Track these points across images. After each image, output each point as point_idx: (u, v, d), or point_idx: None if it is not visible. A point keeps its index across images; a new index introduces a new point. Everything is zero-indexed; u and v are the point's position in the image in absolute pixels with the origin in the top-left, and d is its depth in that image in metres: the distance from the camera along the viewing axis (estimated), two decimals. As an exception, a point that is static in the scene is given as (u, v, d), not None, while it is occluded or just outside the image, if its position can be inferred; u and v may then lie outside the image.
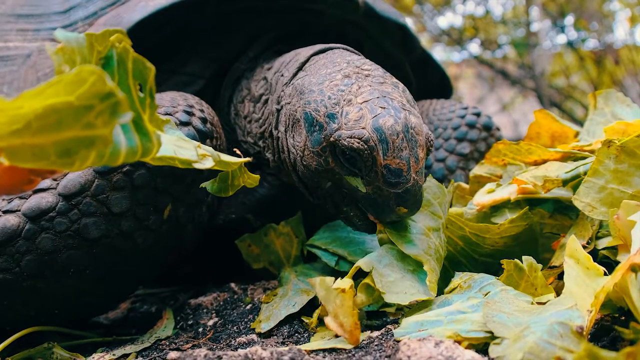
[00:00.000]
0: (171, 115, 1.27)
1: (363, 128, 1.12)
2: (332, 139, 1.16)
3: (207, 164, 0.94)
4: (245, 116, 1.61)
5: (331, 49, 1.44)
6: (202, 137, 1.28)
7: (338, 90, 1.19)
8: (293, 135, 1.30)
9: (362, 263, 1.13)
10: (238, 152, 1.16)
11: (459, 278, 1.18)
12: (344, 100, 1.18)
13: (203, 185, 1.09)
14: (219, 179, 1.08)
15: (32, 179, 0.65)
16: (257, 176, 1.11)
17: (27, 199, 1.15)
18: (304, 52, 1.46)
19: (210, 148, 1.01)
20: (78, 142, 0.59)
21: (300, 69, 1.39)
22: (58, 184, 1.16)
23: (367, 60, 1.33)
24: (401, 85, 1.26)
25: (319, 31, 1.83)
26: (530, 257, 1.12)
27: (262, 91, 1.55)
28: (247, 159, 1.06)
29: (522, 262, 1.12)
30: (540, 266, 1.10)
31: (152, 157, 0.73)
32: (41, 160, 0.58)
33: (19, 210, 1.14)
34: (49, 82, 0.56)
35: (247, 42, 1.77)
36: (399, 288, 1.12)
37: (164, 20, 1.56)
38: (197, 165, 0.92)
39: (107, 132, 0.60)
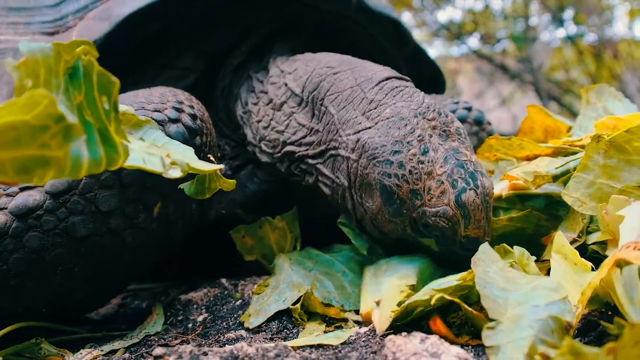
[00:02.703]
0: (160, 112, 1.26)
1: (447, 205, 1.13)
2: (414, 215, 1.17)
3: (174, 174, 0.94)
4: (260, 120, 1.57)
5: (385, 80, 1.33)
6: (191, 134, 1.27)
7: (418, 162, 1.16)
8: (362, 194, 1.27)
9: (412, 277, 1.17)
10: (212, 158, 1.17)
11: None
12: (425, 174, 1.16)
13: (181, 186, 1.09)
14: (196, 181, 1.08)
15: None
16: (233, 181, 1.11)
17: (14, 196, 1.14)
18: (347, 80, 1.36)
19: (188, 153, 1.04)
20: (35, 160, 0.60)
21: (356, 109, 1.31)
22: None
23: (426, 100, 1.27)
24: (461, 127, 1.25)
25: (314, 24, 1.83)
26: (523, 248, 1.12)
27: (284, 99, 1.50)
28: (220, 166, 1.06)
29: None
30: (534, 257, 1.10)
31: (118, 167, 0.75)
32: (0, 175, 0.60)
33: (6, 208, 1.13)
34: (6, 102, 0.58)
35: (240, 35, 1.77)
36: None
37: (155, 13, 1.56)
38: (164, 175, 0.93)
39: (61, 154, 0.62)
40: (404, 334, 0.95)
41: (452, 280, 1.03)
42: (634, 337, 0.67)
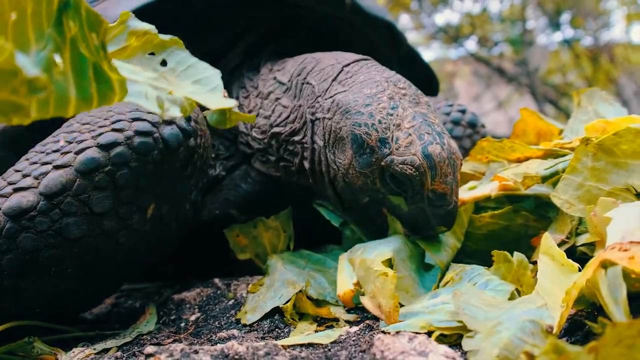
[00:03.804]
0: (155, 113, 1.26)
1: (414, 154, 1.18)
2: (383, 163, 1.21)
3: (173, 113, 0.84)
4: (250, 110, 1.64)
5: (362, 59, 1.45)
6: (185, 135, 1.28)
7: (387, 114, 1.23)
8: (334, 151, 1.33)
9: (389, 253, 1.19)
10: (225, 94, 1.11)
11: (452, 270, 1.21)
12: (393, 125, 1.22)
13: (204, 113, 1.00)
14: (218, 111, 0.99)
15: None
16: (253, 115, 1.05)
17: (8, 197, 1.15)
18: (328, 60, 1.47)
19: (213, 80, 0.96)
20: (9, 104, 0.59)
21: (334, 79, 1.40)
22: (39, 182, 1.15)
23: (399, 75, 1.37)
24: (430, 102, 1.32)
25: (309, 25, 1.85)
26: (522, 254, 1.13)
27: (272, 89, 1.57)
28: (234, 102, 0.95)
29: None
30: (531, 266, 1.11)
31: (114, 103, 0.72)
32: None
33: (0, 209, 1.14)
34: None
35: (236, 35, 1.78)
36: (403, 285, 1.19)
37: (151, 14, 1.56)
38: (162, 116, 0.89)
39: (27, 104, 0.60)
40: (392, 332, 0.96)
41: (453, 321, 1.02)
42: (616, 336, 0.68)
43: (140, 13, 1.51)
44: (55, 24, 0.67)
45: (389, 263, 1.17)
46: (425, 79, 2.12)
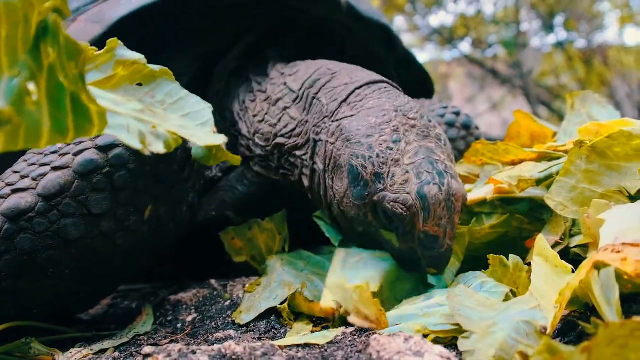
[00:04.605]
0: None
1: (408, 194, 1.14)
2: (375, 198, 1.18)
3: (156, 148, 0.80)
4: (255, 115, 1.61)
5: (376, 82, 1.39)
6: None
7: (387, 147, 1.19)
8: (333, 177, 1.30)
9: (376, 279, 1.20)
10: (215, 130, 1.10)
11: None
12: (392, 160, 1.17)
13: (192, 149, 0.98)
14: (205, 147, 0.96)
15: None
16: (238, 157, 1.02)
17: (6, 198, 1.15)
18: (342, 77, 1.42)
19: (203, 114, 0.93)
20: None
21: (344, 101, 1.36)
22: (38, 184, 1.16)
23: (412, 103, 1.31)
24: (443, 136, 1.26)
25: (307, 25, 1.86)
26: (517, 257, 1.14)
27: (281, 96, 1.54)
28: (223, 139, 0.92)
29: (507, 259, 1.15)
30: (527, 267, 1.12)
31: (94, 135, 0.69)
32: None
33: None
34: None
35: (236, 36, 1.80)
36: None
37: (150, 15, 1.57)
38: (144, 152, 0.81)
39: None
40: (388, 333, 0.97)
41: (447, 325, 1.03)
42: (608, 336, 0.69)
43: (141, 14, 1.54)
44: (31, 50, 0.63)
45: (375, 295, 1.15)
46: (420, 82, 2.14)
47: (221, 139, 0.90)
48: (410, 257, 1.21)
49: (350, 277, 1.21)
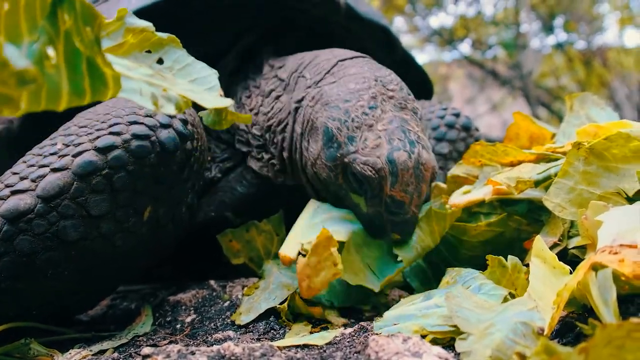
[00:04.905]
0: (152, 117, 1.28)
1: (378, 157, 1.17)
2: (346, 160, 1.22)
3: (167, 109, 0.83)
4: (252, 109, 1.65)
5: (360, 57, 1.45)
6: (182, 139, 1.29)
7: (362, 112, 1.23)
8: (308, 140, 1.34)
9: (343, 235, 1.22)
10: (221, 93, 1.10)
11: (449, 275, 1.23)
12: (366, 125, 1.22)
13: (200, 114, 1.01)
14: (214, 111, 1.00)
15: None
16: (249, 115, 1.04)
17: (5, 200, 1.15)
18: (325, 55, 1.49)
19: (209, 80, 0.96)
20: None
21: (328, 72, 1.41)
22: (37, 185, 1.16)
23: (394, 76, 1.36)
24: (420, 111, 1.31)
25: (307, 25, 1.87)
26: (516, 258, 1.15)
27: (273, 87, 1.59)
28: (229, 102, 0.95)
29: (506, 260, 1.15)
30: (525, 268, 1.13)
31: (109, 98, 0.72)
32: None
33: None
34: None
35: (236, 36, 1.81)
36: (353, 268, 1.22)
37: (150, 16, 1.56)
38: (158, 111, 0.87)
39: (17, 96, 0.60)
40: (386, 334, 0.98)
41: (446, 326, 1.04)
42: (605, 337, 0.70)
43: (141, 14, 1.53)
44: (49, 16, 0.66)
45: (341, 246, 1.18)
46: (420, 83, 2.14)
47: (228, 102, 0.93)
48: (376, 222, 1.24)
49: (317, 227, 1.24)
